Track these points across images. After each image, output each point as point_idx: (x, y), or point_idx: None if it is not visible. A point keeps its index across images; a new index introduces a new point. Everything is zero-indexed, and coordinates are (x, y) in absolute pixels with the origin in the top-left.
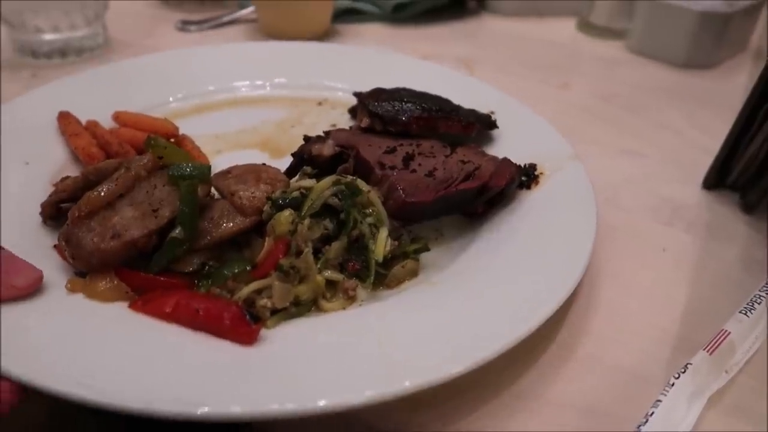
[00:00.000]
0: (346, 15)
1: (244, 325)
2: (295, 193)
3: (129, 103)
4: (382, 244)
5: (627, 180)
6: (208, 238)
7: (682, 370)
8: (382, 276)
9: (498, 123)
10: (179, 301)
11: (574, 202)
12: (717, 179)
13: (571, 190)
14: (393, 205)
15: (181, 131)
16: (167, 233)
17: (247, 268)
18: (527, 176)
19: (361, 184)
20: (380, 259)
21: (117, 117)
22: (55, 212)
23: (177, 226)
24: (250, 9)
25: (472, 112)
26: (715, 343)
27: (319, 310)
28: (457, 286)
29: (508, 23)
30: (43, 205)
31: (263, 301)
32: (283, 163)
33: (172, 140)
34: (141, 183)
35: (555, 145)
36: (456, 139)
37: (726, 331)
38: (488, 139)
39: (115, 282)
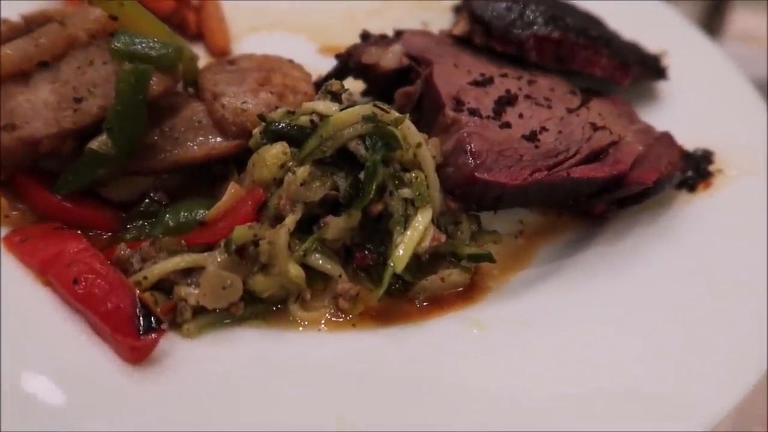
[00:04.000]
0: None
1: (129, 330)
2: (304, 119)
3: None
4: (414, 240)
5: None
6: (161, 157)
7: None
8: (405, 284)
9: (670, 72)
10: (59, 256)
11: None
12: None
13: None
14: (454, 176)
15: None
16: (92, 137)
17: (200, 219)
18: (696, 171)
19: (408, 131)
20: (399, 269)
21: None
22: None
23: (103, 132)
24: None
25: (633, 48)
26: None
27: (289, 319)
28: (530, 348)
29: None
30: None
31: (185, 291)
32: (333, 65)
33: (195, 2)
34: (76, 52)
35: (758, 128)
36: (595, 84)
37: None
38: (648, 94)
39: None
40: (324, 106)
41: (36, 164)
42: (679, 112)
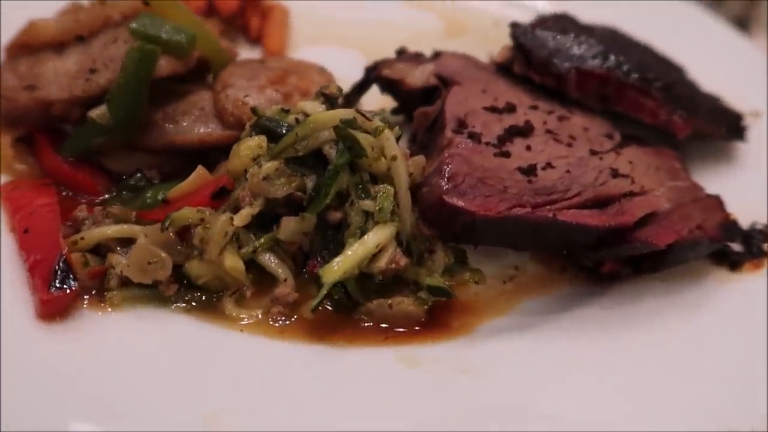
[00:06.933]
0: None
1: (41, 284)
2: (291, 118)
3: None
4: (357, 255)
5: None
6: (157, 135)
7: None
8: (353, 303)
9: (750, 135)
10: (27, 206)
11: None
12: None
13: None
14: (426, 197)
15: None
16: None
17: (161, 198)
18: (747, 247)
19: (386, 142)
20: (325, 281)
21: None
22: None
23: (104, 103)
24: None
25: (708, 100)
26: None
27: (224, 314)
28: (452, 397)
29: None
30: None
31: (116, 259)
32: None
33: (263, 7)
34: (108, 30)
35: None
36: (658, 134)
37: None
38: (723, 154)
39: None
40: (311, 106)
41: (60, 127)
42: (758, 180)
